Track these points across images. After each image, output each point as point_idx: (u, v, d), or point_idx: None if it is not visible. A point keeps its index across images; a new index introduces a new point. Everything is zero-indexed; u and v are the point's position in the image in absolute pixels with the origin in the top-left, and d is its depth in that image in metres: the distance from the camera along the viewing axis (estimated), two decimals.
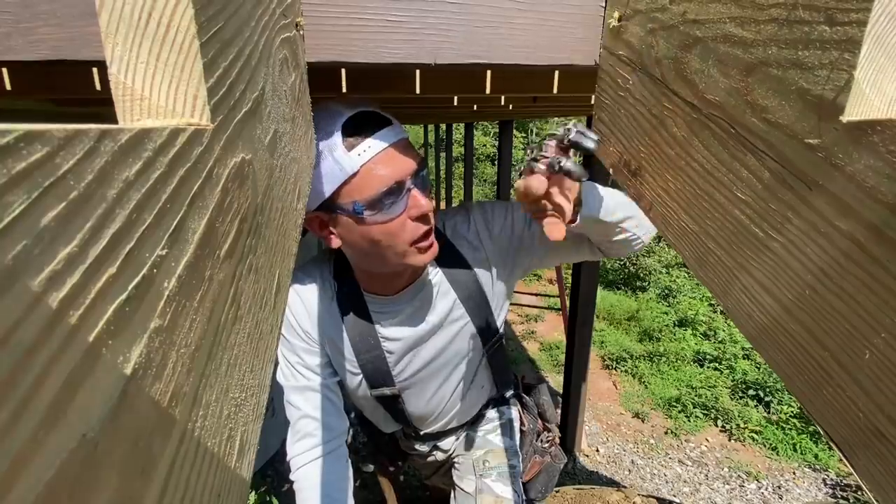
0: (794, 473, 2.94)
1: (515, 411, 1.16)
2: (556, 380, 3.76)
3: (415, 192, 0.68)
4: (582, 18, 0.55)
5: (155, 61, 0.20)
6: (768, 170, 0.32)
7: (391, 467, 1.20)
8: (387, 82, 1.05)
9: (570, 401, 2.78)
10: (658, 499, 1.64)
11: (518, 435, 1.14)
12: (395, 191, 0.66)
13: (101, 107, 1.35)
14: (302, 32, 0.49)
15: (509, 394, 1.15)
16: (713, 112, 0.37)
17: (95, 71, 0.90)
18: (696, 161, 0.39)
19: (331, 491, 0.86)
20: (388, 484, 1.25)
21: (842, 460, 0.25)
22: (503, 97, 1.65)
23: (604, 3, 0.55)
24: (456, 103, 1.67)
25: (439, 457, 1.16)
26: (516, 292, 4.03)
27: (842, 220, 0.26)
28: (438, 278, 0.87)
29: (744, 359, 4.01)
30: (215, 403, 0.20)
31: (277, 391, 0.88)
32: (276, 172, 0.34)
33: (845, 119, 0.26)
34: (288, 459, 0.91)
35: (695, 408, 3.45)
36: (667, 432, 3.28)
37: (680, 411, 3.44)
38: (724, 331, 4.42)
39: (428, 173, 0.72)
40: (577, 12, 0.55)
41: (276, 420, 3.01)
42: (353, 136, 0.63)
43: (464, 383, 1.01)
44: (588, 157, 2.41)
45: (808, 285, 0.28)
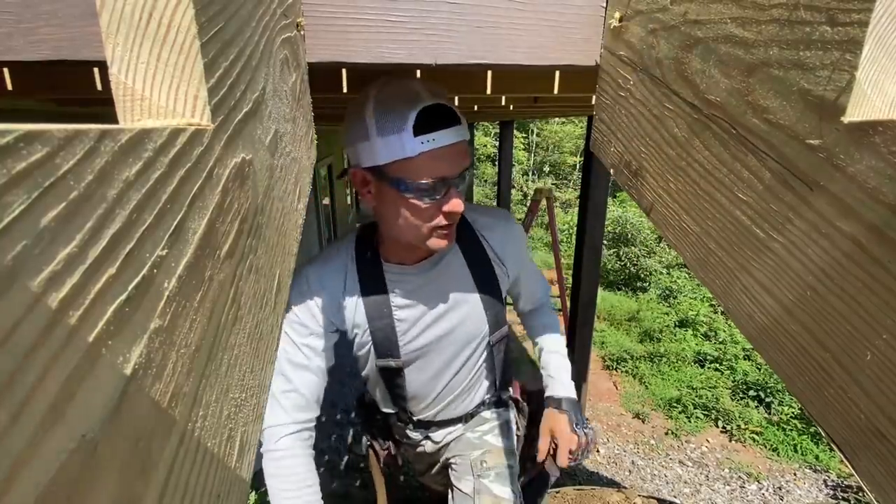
0: (795, 474, 2.94)
1: (512, 414, 1.18)
2: None
3: (454, 191, 0.75)
4: (583, 19, 0.55)
5: (155, 61, 0.20)
6: (769, 170, 0.32)
7: (383, 450, 1.22)
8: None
9: None
10: (658, 499, 1.63)
11: (515, 437, 1.14)
12: (440, 185, 0.73)
13: (103, 107, 1.35)
14: (302, 33, 0.49)
15: (506, 396, 1.17)
16: (714, 112, 0.37)
17: (97, 71, 0.90)
18: (697, 161, 0.39)
19: (306, 467, 0.96)
20: (378, 474, 1.27)
21: (843, 461, 0.25)
22: (504, 97, 1.65)
23: (605, 4, 0.55)
24: (457, 103, 1.67)
25: (429, 448, 1.17)
26: None
27: (843, 221, 0.26)
28: (458, 259, 0.94)
29: (744, 359, 4.01)
30: (215, 404, 0.20)
31: None
32: (276, 172, 0.34)
33: (846, 120, 0.25)
34: (267, 426, 0.95)
35: (695, 408, 3.45)
36: (667, 433, 3.27)
37: (680, 412, 3.44)
38: (724, 331, 4.42)
39: (471, 176, 0.82)
40: (578, 13, 0.55)
41: None
42: (425, 123, 0.69)
43: (465, 370, 1.04)
44: (588, 173, 2.41)
45: (809, 286, 0.28)
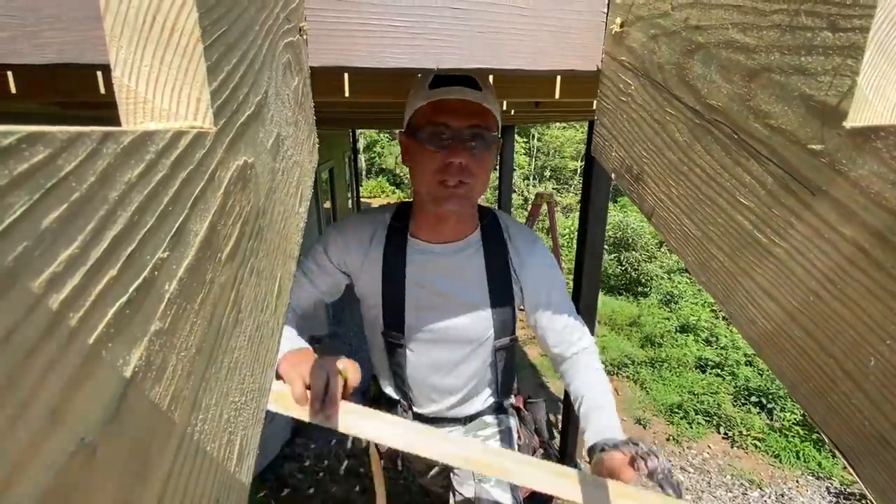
0: (798, 482, 2.92)
1: (514, 421, 1.18)
2: (557, 385, 3.74)
3: (458, 144, 0.80)
4: (584, 24, 0.55)
5: (159, 64, 0.20)
6: (771, 175, 0.32)
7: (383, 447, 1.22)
8: (389, 86, 1.05)
9: (571, 407, 2.76)
10: None
11: (516, 445, 1.14)
12: (443, 132, 0.80)
13: (106, 110, 1.35)
14: (305, 37, 0.50)
15: (508, 403, 1.16)
16: (715, 117, 0.37)
17: (100, 74, 0.90)
18: (699, 166, 0.39)
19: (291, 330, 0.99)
20: (379, 472, 1.27)
21: (846, 468, 0.25)
22: (505, 102, 1.66)
23: (606, 9, 0.55)
24: None
25: None
26: None
27: (846, 226, 0.26)
28: (479, 257, 0.97)
29: (746, 365, 3.99)
30: (215, 407, 0.20)
31: None
32: (278, 175, 0.34)
33: (848, 125, 0.25)
34: None
35: (697, 414, 3.44)
36: (669, 439, 3.26)
37: (682, 418, 3.42)
38: (726, 337, 4.40)
39: (488, 141, 0.83)
40: (579, 18, 0.55)
41: (276, 425, 3.01)
42: (440, 79, 0.81)
43: (467, 368, 1.05)
44: (589, 177, 2.41)
45: (812, 291, 0.28)
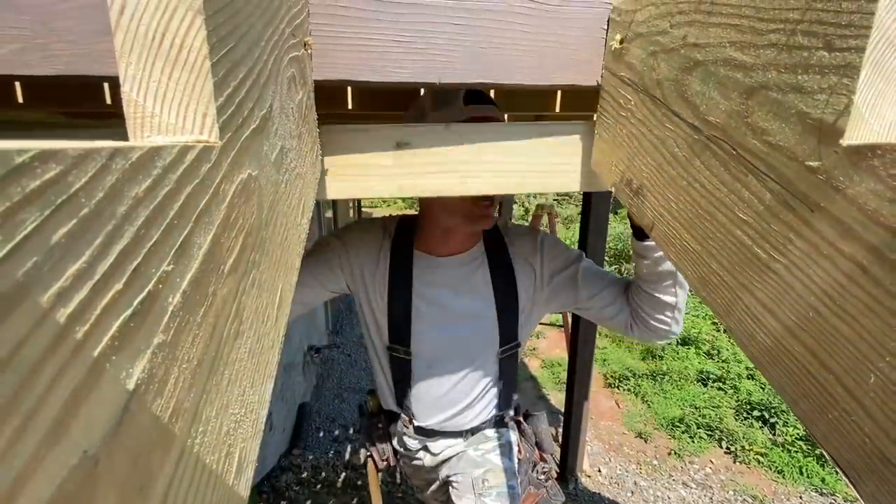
0: (801, 498, 2.88)
1: (514, 435, 1.17)
2: (557, 398, 3.71)
3: None
4: (584, 40, 0.56)
5: (167, 80, 0.21)
6: (770, 191, 0.32)
7: (382, 460, 1.22)
8: (392, 100, 1.06)
9: (571, 420, 2.74)
10: None
11: (516, 459, 1.13)
12: None
13: (110, 119, 1.37)
14: (310, 51, 0.51)
15: (508, 416, 1.16)
16: (714, 133, 0.37)
17: (106, 86, 0.92)
18: (698, 181, 0.39)
19: None
20: (376, 487, 1.26)
21: (848, 486, 0.25)
22: (506, 115, 1.67)
23: (606, 26, 0.56)
24: None
25: (427, 461, 1.16)
26: None
27: (844, 243, 0.26)
28: (483, 267, 0.97)
29: (748, 378, 3.96)
30: (215, 419, 0.20)
31: (273, 406, 0.91)
32: (281, 188, 0.34)
33: (845, 143, 0.26)
34: None
35: (699, 428, 3.40)
36: (670, 453, 3.22)
37: (683, 432, 3.39)
38: (727, 350, 4.38)
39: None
40: (579, 34, 0.56)
41: (273, 435, 2.98)
42: (471, 98, 0.85)
43: (470, 379, 1.05)
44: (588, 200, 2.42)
45: (812, 307, 0.28)
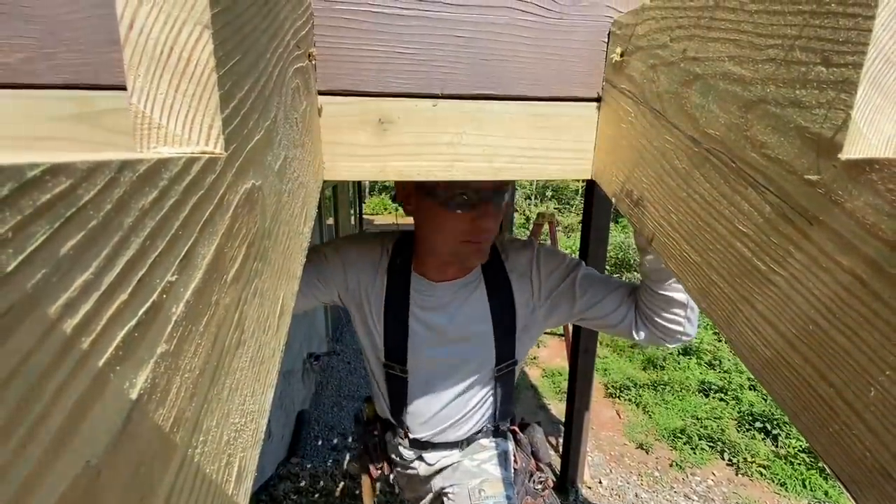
0: None
1: (510, 445, 1.17)
2: (558, 407, 3.68)
3: (489, 206, 0.81)
4: (585, 53, 0.57)
5: (174, 92, 0.21)
6: (769, 204, 0.32)
7: (377, 470, 1.22)
8: None
9: (572, 430, 2.72)
10: None
11: (512, 469, 1.13)
12: (474, 196, 0.80)
13: None
14: (314, 62, 0.51)
15: (505, 427, 1.16)
16: (714, 146, 0.38)
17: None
18: (698, 193, 0.40)
19: None
20: (368, 490, 1.26)
21: (850, 500, 0.25)
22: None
23: (606, 39, 0.57)
24: None
25: (422, 471, 1.16)
26: None
27: (843, 256, 0.26)
28: (480, 289, 0.96)
29: (750, 390, 3.94)
30: (216, 429, 0.20)
31: (272, 414, 0.90)
32: (284, 197, 0.34)
33: (843, 157, 0.26)
34: None
35: (700, 440, 3.37)
36: (672, 465, 3.19)
37: (685, 443, 3.36)
38: (729, 360, 4.35)
39: (506, 197, 0.85)
40: (580, 47, 0.57)
41: (271, 444, 2.96)
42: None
43: (468, 395, 1.05)
44: (591, 198, 2.43)
45: (812, 320, 0.28)
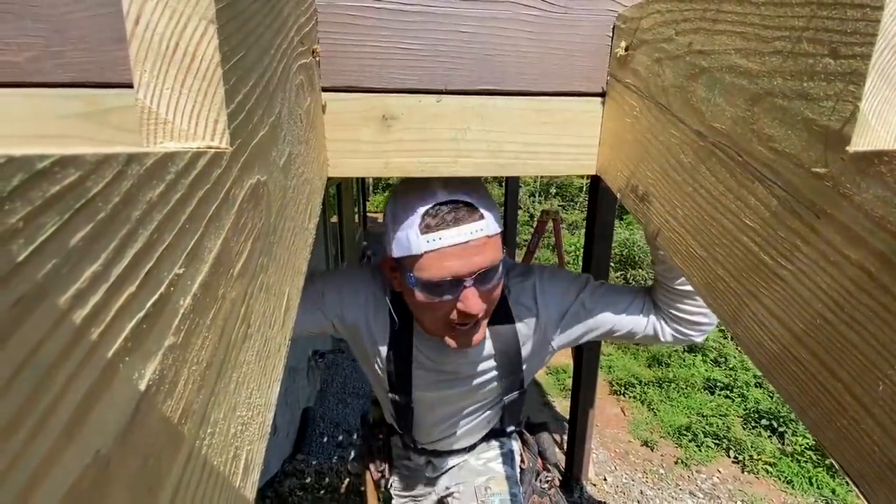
0: None
1: (516, 445, 1.18)
2: (562, 405, 3.68)
3: (469, 291, 0.69)
4: (589, 47, 0.57)
5: (180, 88, 0.21)
6: (776, 198, 0.32)
7: (377, 473, 1.22)
8: None
9: (577, 427, 2.72)
10: None
11: (518, 468, 1.13)
12: (449, 284, 0.69)
13: None
14: (318, 59, 0.51)
15: (511, 428, 1.16)
16: (720, 140, 0.37)
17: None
18: (704, 188, 0.39)
19: None
20: (372, 492, 1.27)
21: (859, 496, 0.25)
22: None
23: (611, 33, 0.57)
24: None
25: (428, 472, 1.17)
26: None
27: (851, 249, 0.26)
28: (485, 340, 0.90)
29: (756, 387, 3.92)
30: (223, 421, 0.20)
31: (277, 410, 0.91)
32: (289, 193, 0.34)
33: (851, 149, 0.26)
34: None
35: (706, 437, 3.36)
36: (677, 462, 3.18)
37: (690, 440, 3.35)
38: (735, 357, 4.33)
39: (498, 272, 0.73)
40: (584, 41, 0.56)
41: (276, 441, 2.98)
42: (431, 221, 0.67)
43: (474, 418, 1.05)
44: (595, 195, 2.42)
45: (819, 314, 0.28)
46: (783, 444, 3.33)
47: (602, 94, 0.59)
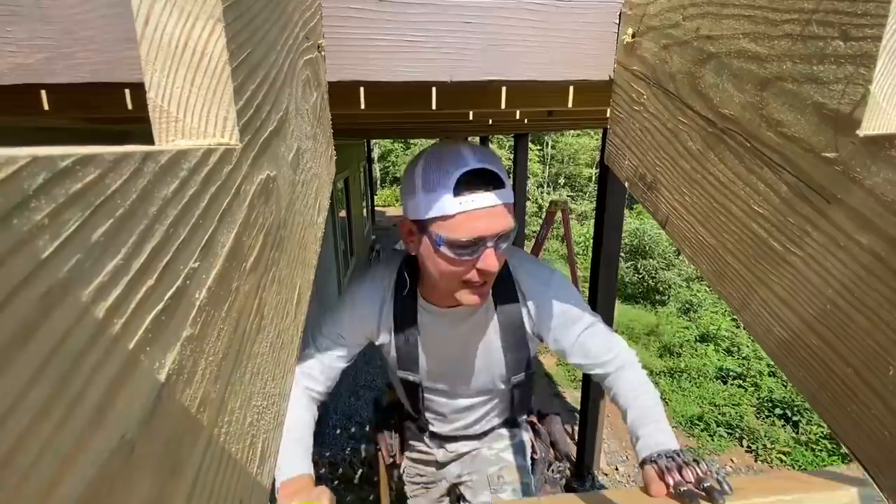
0: None
1: (527, 435, 1.19)
2: (573, 395, 3.69)
3: (489, 251, 0.78)
4: (596, 35, 0.56)
5: (189, 86, 0.22)
6: (786, 183, 0.32)
7: (390, 456, 1.24)
8: (404, 98, 1.07)
9: (587, 417, 2.72)
10: None
11: (530, 458, 1.14)
12: (474, 244, 0.77)
13: (131, 125, 1.41)
14: (323, 53, 0.51)
15: (522, 418, 1.17)
16: (728, 126, 0.37)
17: (128, 92, 0.94)
18: (712, 174, 0.39)
19: (305, 423, 0.96)
20: (385, 479, 1.29)
21: (869, 480, 0.25)
22: (518, 111, 1.67)
23: (617, 20, 0.56)
24: (471, 118, 1.69)
25: (440, 456, 1.19)
26: None
27: (862, 234, 0.25)
28: (490, 315, 0.96)
29: (769, 376, 3.88)
30: (239, 410, 0.21)
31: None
32: (297, 188, 0.35)
33: (862, 133, 0.25)
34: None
35: (718, 426, 3.35)
36: (689, 451, 3.18)
37: (703, 430, 3.34)
38: (748, 346, 4.29)
39: (512, 236, 0.82)
40: (590, 29, 0.56)
41: None
42: (465, 185, 0.74)
43: (482, 403, 1.07)
44: (604, 184, 2.40)
45: (829, 300, 0.28)
46: (797, 432, 3.30)
47: (609, 83, 0.58)
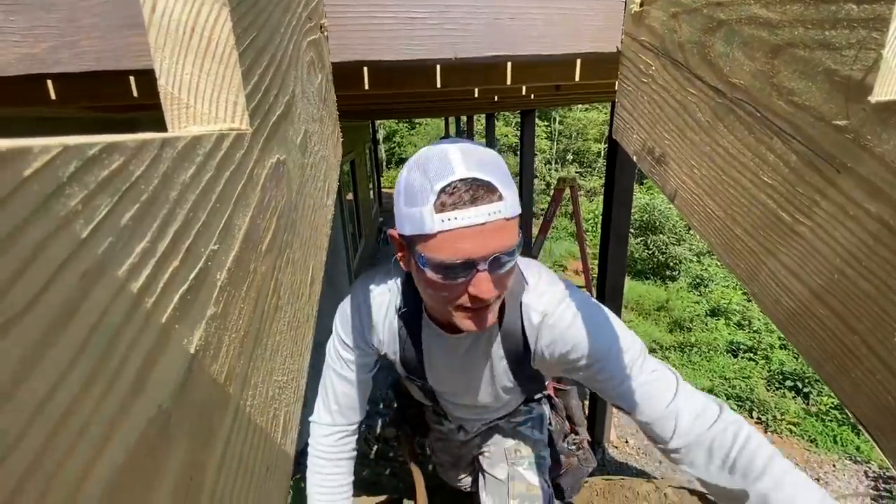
0: (835, 466, 2.84)
1: (546, 408, 1.20)
2: None
3: (482, 275, 0.64)
4: (602, 6, 0.55)
5: (199, 72, 0.22)
6: (795, 153, 0.31)
7: (414, 437, 1.27)
8: (408, 77, 1.06)
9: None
10: (690, 490, 1.61)
11: (547, 431, 1.16)
12: (461, 266, 0.64)
13: (137, 112, 1.41)
14: (326, 34, 0.51)
15: (539, 395, 1.18)
16: (738, 96, 0.36)
17: (133, 79, 0.94)
18: (722, 146, 0.39)
19: (338, 463, 0.98)
20: (417, 471, 1.32)
21: (872, 443, 0.25)
22: (524, 87, 1.64)
23: None
24: (476, 95, 1.66)
25: (462, 437, 1.20)
26: None
27: (871, 203, 0.25)
28: (496, 344, 0.87)
29: (780, 349, 3.88)
30: (262, 384, 0.22)
31: (307, 383, 0.95)
32: (307, 171, 0.35)
33: (874, 99, 0.25)
34: (313, 421, 1.02)
35: (729, 399, 3.37)
36: None
37: None
38: (759, 320, 4.28)
39: (514, 257, 0.67)
40: (596, 1, 0.54)
41: (306, 412, 3.11)
42: (447, 200, 0.61)
43: (493, 405, 1.03)
44: (613, 160, 2.36)
45: (837, 269, 0.28)
46: (808, 404, 3.32)
47: (617, 54, 0.57)
